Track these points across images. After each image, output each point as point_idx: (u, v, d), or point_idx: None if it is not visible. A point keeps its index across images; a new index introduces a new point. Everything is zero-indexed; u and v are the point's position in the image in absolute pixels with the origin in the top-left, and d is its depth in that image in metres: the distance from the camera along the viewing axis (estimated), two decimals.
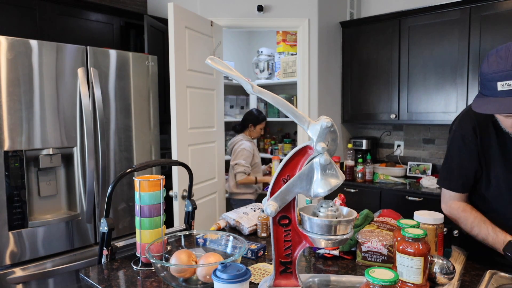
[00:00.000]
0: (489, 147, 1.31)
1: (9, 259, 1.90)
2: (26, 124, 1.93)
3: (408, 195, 2.85)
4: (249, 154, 3.16)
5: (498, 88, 1.07)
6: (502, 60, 1.06)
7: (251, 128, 3.32)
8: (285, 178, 0.99)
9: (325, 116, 0.95)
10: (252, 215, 1.71)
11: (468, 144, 1.33)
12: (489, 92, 1.10)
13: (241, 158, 3.13)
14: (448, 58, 2.87)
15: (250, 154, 3.18)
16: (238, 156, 3.15)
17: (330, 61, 3.36)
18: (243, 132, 3.34)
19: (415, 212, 1.27)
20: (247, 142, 3.22)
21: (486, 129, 1.31)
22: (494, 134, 1.29)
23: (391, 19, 3.14)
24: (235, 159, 3.17)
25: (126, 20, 2.91)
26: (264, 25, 3.09)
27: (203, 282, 1.09)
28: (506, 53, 1.06)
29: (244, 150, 3.16)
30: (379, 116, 3.28)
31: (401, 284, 1.05)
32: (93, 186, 2.14)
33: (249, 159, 3.16)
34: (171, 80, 2.31)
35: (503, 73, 1.05)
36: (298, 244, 1.02)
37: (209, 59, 0.98)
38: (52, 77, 2.02)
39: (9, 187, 1.89)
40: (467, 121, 1.34)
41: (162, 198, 1.30)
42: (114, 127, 2.29)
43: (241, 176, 3.11)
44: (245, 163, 3.12)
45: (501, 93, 1.07)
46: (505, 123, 1.19)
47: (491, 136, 1.30)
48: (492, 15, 2.66)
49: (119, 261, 1.35)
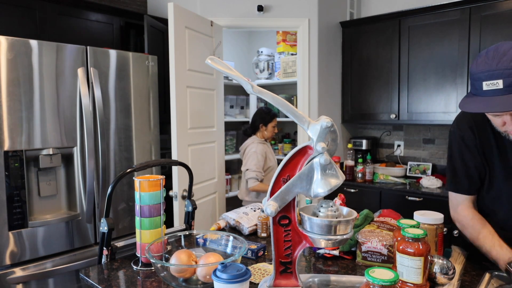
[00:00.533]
0: (488, 146, 1.32)
1: (9, 259, 1.90)
2: (26, 124, 1.93)
3: (408, 195, 2.85)
4: (260, 157, 2.90)
5: (484, 88, 1.09)
6: (489, 60, 1.08)
7: (262, 128, 3.04)
8: (285, 178, 0.99)
9: (325, 116, 0.95)
10: (252, 215, 1.71)
11: (468, 144, 1.34)
12: (476, 91, 1.13)
13: (252, 163, 2.88)
14: (448, 58, 2.87)
15: (261, 157, 2.92)
16: (249, 161, 2.91)
17: (330, 61, 3.36)
18: (255, 134, 3.08)
19: (415, 212, 1.27)
20: (259, 145, 2.97)
21: (484, 129, 1.31)
22: (491, 133, 1.30)
23: (391, 19, 3.14)
24: (246, 165, 2.94)
25: (126, 20, 2.91)
26: (264, 25, 3.09)
27: (203, 282, 1.09)
28: (494, 54, 1.08)
29: (255, 154, 2.91)
30: (379, 116, 3.28)
31: (401, 284, 1.05)
32: (93, 186, 2.14)
33: (261, 163, 2.89)
34: (171, 80, 2.31)
35: (488, 73, 1.07)
36: (298, 244, 1.02)
37: (209, 59, 0.98)
38: (52, 77, 2.02)
39: (9, 187, 1.89)
40: (464, 121, 1.36)
41: (162, 198, 1.30)
42: (114, 127, 2.29)
43: (253, 183, 2.84)
44: (257, 168, 2.87)
45: (486, 92, 1.08)
46: (495, 122, 1.21)
47: (489, 135, 1.31)
48: (492, 15, 2.66)
49: (119, 261, 1.35)
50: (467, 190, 1.37)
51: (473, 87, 1.14)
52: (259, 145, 2.97)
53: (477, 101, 1.11)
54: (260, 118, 3.05)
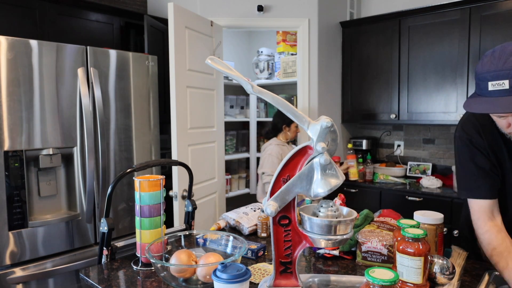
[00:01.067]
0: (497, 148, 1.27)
1: (9, 259, 1.90)
2: (26, 124, 1.93)
3: (408, 195, 2.85)
4: (276, 160, 2.83)
5: (489, 88, 1.06)
6: (495, 60, 1.05)
7: (285, 129, 2.97)
8: (285, 178, 0.99)
9: (325, 116, 0.95)
10: (252, 215, 1.71)
11: (478, 146, 1.28)
12: (481, 91, 1.10)
13: (267, 167, 2.83)
14: (448, 58, 2.87)
15: (277, 160, 2.84)
16: (264, 164, 2.87)
17: (330, 61, 3.36)
18: (276, 136, 3.02)
19: (415, 212, 1.27)
20: (275, 147, 2.91)
21: (491, 131, 1.27)
22: (499, 135, 1.26)
23: (391, 19, 3.14)
24: (262, 167, 2.89)
25: (126, 20, 2.91)
26: (264, 25, 3.09)
27: (203, 282, 1.09)
28: (500, 54, 1.06)
29: (270, 156, 2.86)
30: (379, 116, 3.28)
31: (401, 284, 1.05)
32: (93, 186, 2.14)
33: (275, 166, 2.78)
34: (171, 80, 2.31)
35: (494, 73, 1.05)
36: (298, 244, 1.02)
37: (209, 59, 0.98)
38: (52, 77, 2.02)
39: (9, 187, 1.89)
40: (470, 125, 1.31)
41: (162, 198, 1.30)
42: (114, 127, 2.29)
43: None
44: (271, 171, 2.79)
45: (492, 92, 1.06)
46: (499, 123, 1.18)
47: (497, 137, 1.27)
48: (492, 15, 2.66)
49: (119, 261, 1.35)
50: (489, 193, 1.26)
51: (478, 87, 1.12)
52: (276, 147, 2.92)
53: (482, 102, 1.09)
54: (281, 119, 2.98)
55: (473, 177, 1.29)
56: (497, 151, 1.27)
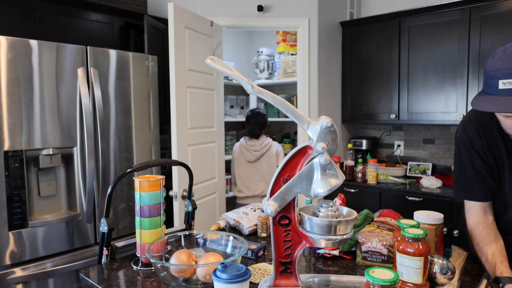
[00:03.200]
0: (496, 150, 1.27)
1: (9, 259, 1.90)
2: (26, 124, 1.93)
3: (408, 195, 2.85)
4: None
5: (500, 86, 1.03)
6: (507, 58, 1.02)
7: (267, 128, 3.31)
8: (285, 178, 0.99)
9: (325, 116, 0.95)
10: (252, 215, 1.71)
11: (477, 148, 1.28)
12: (490, 90, 1.07)
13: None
14: (448, 58, 2.87)
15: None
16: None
17: (330, 61, 3.36)
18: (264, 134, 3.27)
19: (415, 212, 1.27)
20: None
21: (491, 132, 1.26)
22: (499, 136, 1.25)
23: (391, 19, 3.14)
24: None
25: (126, 20, 2.91)
26: (264, 25, 3.09)
27: (203, 282, 1.09)
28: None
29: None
30: (379, 116, 3.28)
31: (401, 284, 1.05)
32: (93, 186, 2.14)
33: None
34: (171, 80, 2.31)
35: (506, 71, 1.01)
36: (298, 244, 1.02)
37: (209, 59, 0.98)
38: (52, 77, 2.02)
39: (9, 187, 1.89)
40: (471, 126, 1.30)
41: (162, 198, 1.30)
42: (114, 127, 2.29)
43: None
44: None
45: (502, 91, 1.03)
46: (505, 124, 1.16)
47: (497, 138, 1.26)
48: (492, 15, 2.66)
49: (119, 261, 1.35)
50: (483, 196, 1.29)
51: (487, 86, 1.09)
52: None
53: (490, 100, 1.05)
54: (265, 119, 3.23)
55: (470, 179, 1.30)
56: (496, 153, 1.27)
